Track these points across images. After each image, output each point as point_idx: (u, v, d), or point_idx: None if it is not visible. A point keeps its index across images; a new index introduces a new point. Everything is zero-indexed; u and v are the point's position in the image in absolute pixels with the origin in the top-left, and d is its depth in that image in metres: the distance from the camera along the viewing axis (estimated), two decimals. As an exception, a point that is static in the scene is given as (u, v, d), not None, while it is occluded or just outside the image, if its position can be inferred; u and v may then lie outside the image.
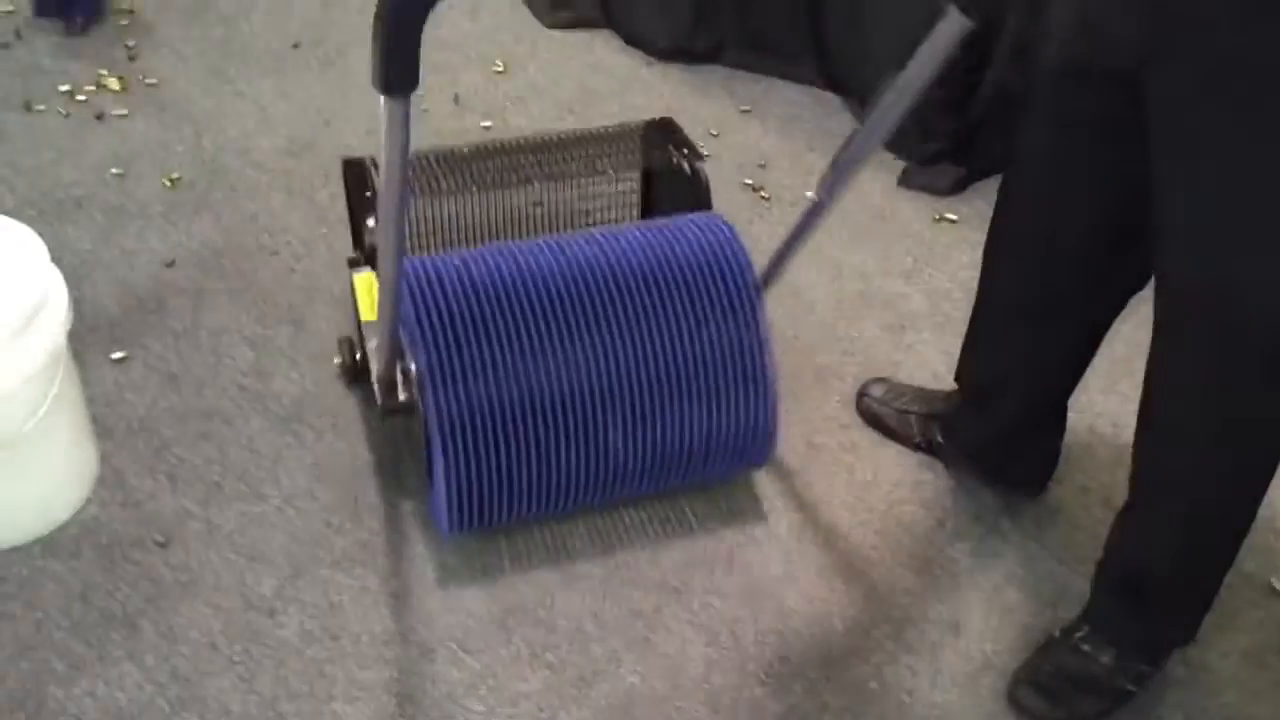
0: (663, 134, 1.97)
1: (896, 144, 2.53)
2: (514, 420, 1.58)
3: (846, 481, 1.86)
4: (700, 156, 1.91)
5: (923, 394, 1.92)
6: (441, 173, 1.87)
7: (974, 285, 1.73)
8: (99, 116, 2.47)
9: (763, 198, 2.41)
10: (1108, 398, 1.97)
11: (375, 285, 1.73)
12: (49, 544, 1.68)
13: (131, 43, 2.69)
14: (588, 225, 1.95)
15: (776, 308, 2.14)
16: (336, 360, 1.94)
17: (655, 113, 2.53)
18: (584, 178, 1.93)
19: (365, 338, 1.80)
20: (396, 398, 1.68)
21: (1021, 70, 2.31)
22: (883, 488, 1.85)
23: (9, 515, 1.65)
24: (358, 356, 1.89)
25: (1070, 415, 1.78)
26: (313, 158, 2.42)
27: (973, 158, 2.46)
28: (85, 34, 2.68)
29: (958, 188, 2.46)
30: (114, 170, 2.34)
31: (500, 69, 2.73)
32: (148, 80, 2.58)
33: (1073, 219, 1.48)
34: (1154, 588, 1.52)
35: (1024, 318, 1.64)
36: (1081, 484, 1.87)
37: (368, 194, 1.79)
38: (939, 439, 1.86)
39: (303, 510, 1.76)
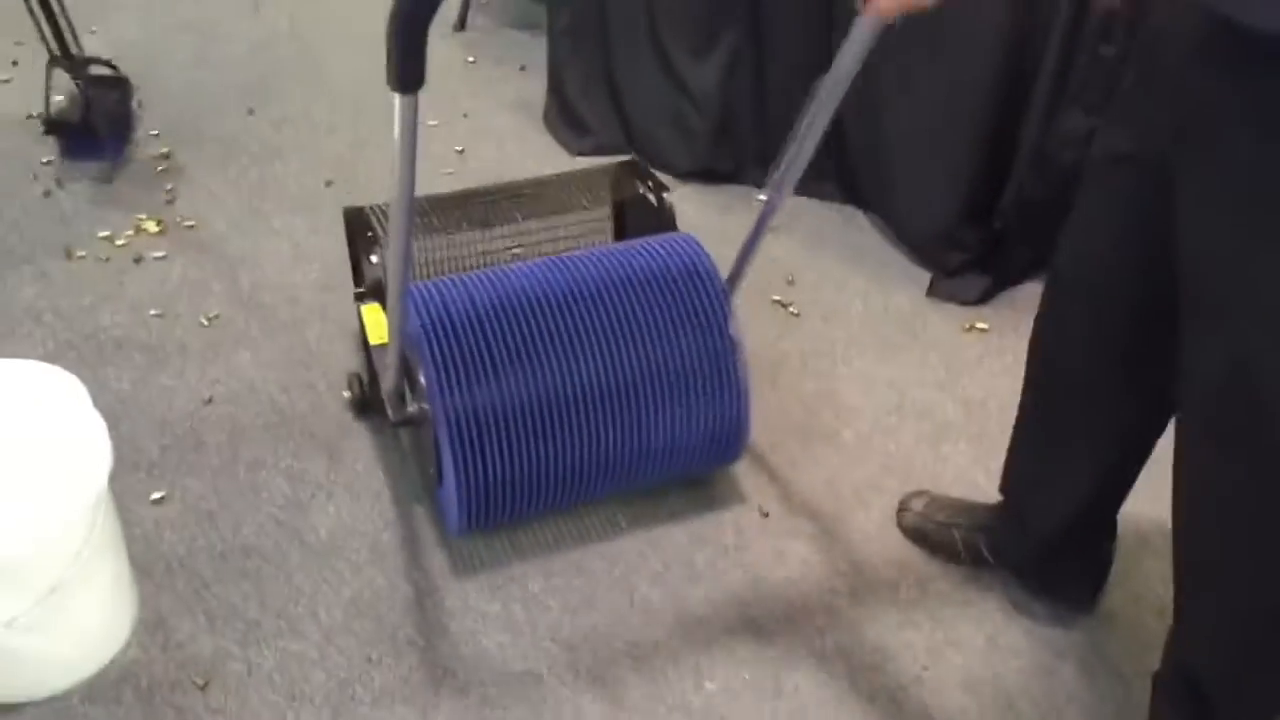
0: (630, 171, 2.20)
1: (924, 256, 2.55)
2: (515, 421, 1.73)
3: (891, 599, 1.83)
4: (665, 188, 2.11)
5: (965, 506, 1.90)
6: (435, 215, 2.07)
7: (1008, 393, 1.72)
8: (138, 260, 2.53)
9: (792, 314, 2.42)
10: (1156, 502, 1.93)
11: (380, 315, 1.98)
12: (89, 689, 1.66)
13: (169, 186, 2.77)
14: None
15: (812, 420, 2.14)
16: (346, 394, 2.15)
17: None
18: (562, 212, 2.15)
19: (375, 361, 1.99)
20: (405, 409, 1.85)
21: (1042, 178, 2.34)
22: (930, 605, 1.82)
23: (49, 663, 1.64)
24: (365, 388, 2.10)
25: (1119, 520, 1.75)
26: (347, 290, 2.45)
27: (999, 266, 2.47)
28: (115, 174, 2.78)
29: (986, 296, 2.47)
30: (153, 311, 2.38)
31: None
32: (185, 222, 2.65)
33: (1115, 311, 1.47)
34: (1214, 702, 1.47)
35: (1067, 427, 1.62)
36: (1135, 592, 1.83)
37: (369, 234, 2.00)
38: (985, 553, 1.82)
39: (342, 647, 1.74)
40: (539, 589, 1.83)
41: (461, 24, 3.50)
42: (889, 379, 2.26)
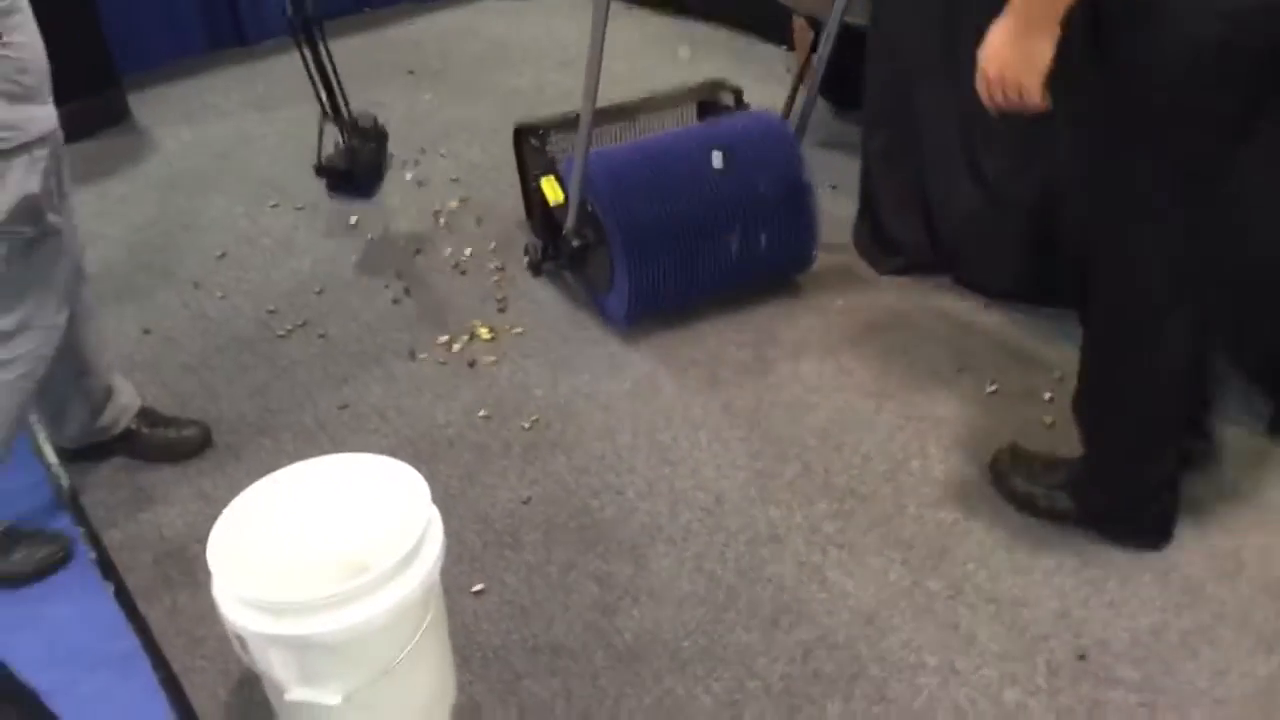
0: (711, 83, 3.23)
1: (1266, 384, 2.37)
2: (664, 235, 2.67)
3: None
4: (739, 90, 3.16)
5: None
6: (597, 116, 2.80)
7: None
8: (471, 364, 2.74)
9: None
10: None
11: (554, 184, 2.84)
12: (408, 769, 1.77)
13: (501, 296, 2.98)
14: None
15: (1133, 560, 2.01)
16: (526, 259, 3.01)
17: (998, 356, 2.53)
18: (659, 111, 3.17)
19: (556, 217, 2.84)
20: (586, 238, 2.74)
21: None
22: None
23: (377, 739, 1.76)
24: (539, 251, 2.93)
25: None
26: (657, 400, 2.56)
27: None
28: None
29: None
30: (481, 413, 2.56)
31: (839, 311, 2.82)
32: (514, 330, 2.85)
33: None
34: None
35: None
36: None
37: (533, 140, 3.01)
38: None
39: (641, 752, 1.77)
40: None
41: (775, 144, 3.61)
42: (1221, 520, 2.09)
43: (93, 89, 3.99)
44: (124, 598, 2.11)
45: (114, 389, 2.39)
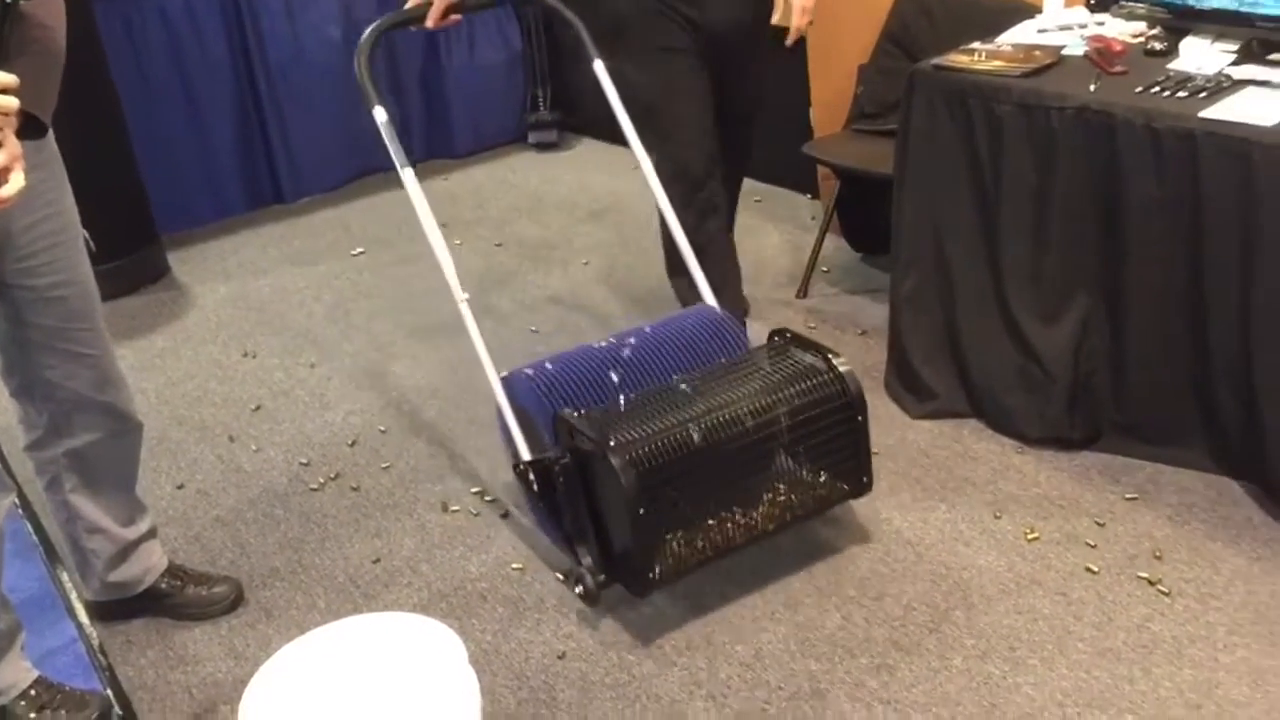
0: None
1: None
2: None
3: None
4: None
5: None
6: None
7: None
8: (504, 515, 2.72)
9: (1161, 593, 2.24)
10: None
11: None
12: None
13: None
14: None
15: (1192, 715, 1.94)
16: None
17: (1036, 501, 2.49)
18: None
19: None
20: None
21: None
22: None
23: None
24: None
25: None
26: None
27: None
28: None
29: (1394, 579, 2.22)
30: (515, 565, 2.53)
31: (877, 453, 2.79)
32: (547, 480, 2.83)
33: None
34: None
35: None
36: None
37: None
38: None
39: None
40: None
41: (804, 291, 3.65)
42: (1282, 672, 2.03)
43: (133, 248, 4.10)
44: (152, 762, 2.07)
45: (136, 547, 2.34)
